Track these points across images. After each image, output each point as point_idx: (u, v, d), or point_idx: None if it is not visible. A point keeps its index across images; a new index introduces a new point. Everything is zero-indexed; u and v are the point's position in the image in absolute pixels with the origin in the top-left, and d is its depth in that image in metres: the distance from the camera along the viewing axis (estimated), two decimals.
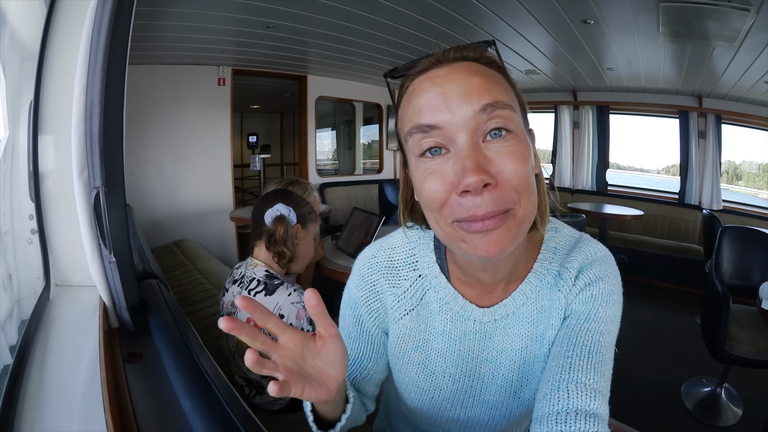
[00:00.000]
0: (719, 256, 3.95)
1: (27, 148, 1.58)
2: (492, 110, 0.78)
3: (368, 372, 1.21)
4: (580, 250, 1.06)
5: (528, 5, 3.93)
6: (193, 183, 6.43)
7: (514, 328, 1.06)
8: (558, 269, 1.05)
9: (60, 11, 1.53)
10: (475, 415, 1.17)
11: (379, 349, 1.19)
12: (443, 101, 0.80)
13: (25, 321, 1.40)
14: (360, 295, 1.14)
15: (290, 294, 1.93)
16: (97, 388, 1.09)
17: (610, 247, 1.12)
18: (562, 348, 0.95)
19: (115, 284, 1.46)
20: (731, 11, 3.57)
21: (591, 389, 0.85)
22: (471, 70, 0.83)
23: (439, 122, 0.80)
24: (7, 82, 1.49)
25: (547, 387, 0.89)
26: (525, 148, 0.81)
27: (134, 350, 1.08)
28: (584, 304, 1.00)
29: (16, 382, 1.07)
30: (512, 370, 1.08)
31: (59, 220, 1.59)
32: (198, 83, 6.25)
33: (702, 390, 3.67)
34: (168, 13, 4.16)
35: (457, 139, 0.79)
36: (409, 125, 0.84)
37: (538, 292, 1.05)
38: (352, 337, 1.19)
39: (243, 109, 13.25)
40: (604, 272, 1.03)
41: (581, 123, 8.22)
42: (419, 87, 0.86)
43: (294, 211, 2.14)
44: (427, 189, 0.83)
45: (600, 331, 0.96)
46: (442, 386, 1.12)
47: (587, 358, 0.90)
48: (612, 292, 1.02)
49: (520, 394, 1.11)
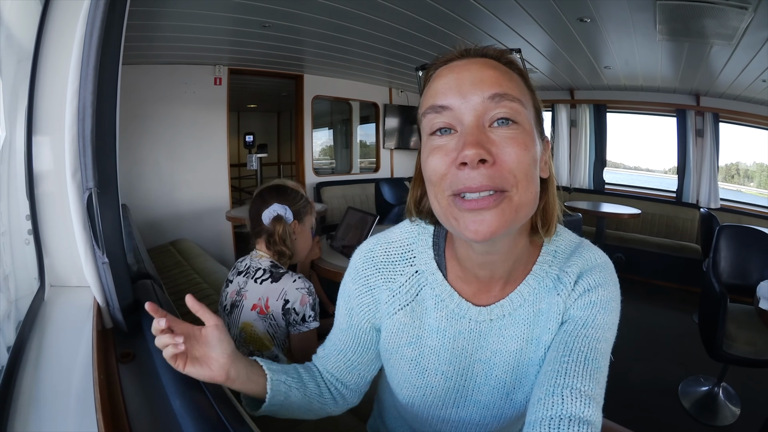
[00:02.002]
0: (717, 255, 3.95)
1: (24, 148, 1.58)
2: (500, 100, 0.83)
3: (352, 363, 1.25)
4: (580, 255, 1.07)
5: (524, 4, 3.93)
6: (190, 182, 6.43)
7: (510, 329, 1.06)
8: (557, 273, 1.05)
9: (54, 12, 1.52)
10: (467, 415, 1.17)
11: (365, 344, 1.21)
12: (457, 86, 0.86)
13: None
14: (354, 288, 1.17)
15: (295, 281, 2.02)
16: (89, 389, 1.08)
17: (608, 245, 1.13)
18: (558, 353, 0.96)
19: (109, 285, 1.46)
20: (729, 9, 3.57)
21: (585, 396, 0.85)
22: (488, 64, 0.89)
23: (450, 104, 0.85)
24: (3, 83, 1.49)
25: (541, 391, 0.90)
26: (529, 140, 0.85)
27: (128, 350, 1.09)
28: (582, 309, 1.01)
29: (9, 383, 1.07)
30: (506, 371, 1.08)
31: (54, 221, 1.59)
32: (194, 83, 6.25)
33: (700, 389, 3.67)
34: (164, 13, 4.15)
35: (464, 119, 0.84)
36: (426, 106, 0.90)
37: (536, 295, 1.05)
38: (342, 328, 1.23)
39: (240, 108, 13.24)
40: (604, 279, 1.04)
41: (578, 121, 8.23)
42: (440, 74, 0.91)
43: (290, 209, 2.19)
44: (430, 162, 0.87)
45: (597, 337, 0.97)
46: (434, 384, 1.13)
47: (583, 364, 0.91)
48: (611, 300, 1.02)
49: (513, 396, 1.11)
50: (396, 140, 9.25)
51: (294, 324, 1.99)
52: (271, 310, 1.98)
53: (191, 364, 1.03)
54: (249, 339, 2.01)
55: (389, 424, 1.43)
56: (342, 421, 1.86)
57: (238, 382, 1.09)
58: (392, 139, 9.20)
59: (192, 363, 1.03)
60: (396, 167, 9.49)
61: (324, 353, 1.30)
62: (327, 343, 1.30)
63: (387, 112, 9.01)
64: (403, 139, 9.32)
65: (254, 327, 2.00)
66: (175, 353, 1.01)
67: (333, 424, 1.78)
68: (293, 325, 1.99)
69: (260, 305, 2.00)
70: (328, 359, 1.28)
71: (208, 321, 1.08)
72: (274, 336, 2.01)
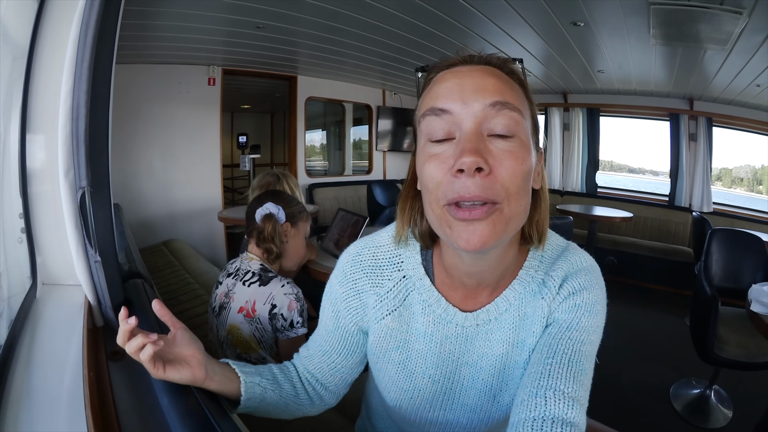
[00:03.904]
0: (709, 258, 3.97)
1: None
2: (501, 108, 0.84)
3: (336, 366, 1.24)
4: (566, 258, 1.08)
5: (517, 7, 3.94)
6: (183, 183, 6.41)
7: (496, 333, 1.07)
8: (543, 277, 1.06)
9: (49, 10, 1.52)
10: (454, 417, 1.18)
11: (351, 347, 1.21)
12: (458, 91, 0.86)
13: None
14: (341, 291, 1.16)
15: (283, 286, 2.01)
16: (79, 386, 1.09)
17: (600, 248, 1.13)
18: (542, 355, 0.96)
19: (101, 283, 1.46)
20: (723, 14, 3.58)
21: (569, 397, 0.86)
22: (490, 72, 0.89)
23: (451, 108, 0.85)
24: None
25: (524, 393, 0.90)
26: (526, 154, 0.85)
27: (118, 349, 1.08)
28: (567, 312, 1.01)
29: (0, 379, 1.06)
30: (492, 374, 1.09)
31: (47, 220, 1.58)
32: (188, 83, 6.24)
33: (691, 392, 3.69)
34: (158, 13, 4.15)
35: (464, 125, 0.84)
36: (425, 108, 0.90)
37: (521, 299, 1.06)
38: (328, 330, 1.23)
39: (233, 108, 13.21)
40: (589, 282, 1.04)
41: (571, 125, 8.25)
42: (442, 78, 0.91)
43: (283, 210, 2.20)
44: (427, 168, 0.87)
45: (581, 340, 0.97)
46: (422, 387, 1.13)
47: (567, 366, 0.91)
48: (596, 303, 1.03)
49: (499, 398, 1.12)
50: (389, 142, 9.27)
51: (282, 330, 1.99)
52: (257, 313, 1.98)
53: (170, 367, 1.02)
54: (235, 341, 2.01)
55: (377, 425, 1.43)
56: (330, 422, 1.86)
57: (216, 380, 1.08)
58: (385, 141, 9.21)
59: (170, 365, 1.02)
60: (388, 169, 9.50)
61: (307, 353, 1.29)
62: (310, 343, 1.31)
63: (380, 114, 9.02)
64: (396, 141, 9.33)
65: (240, 329, 2.00)
66: (152, 354, 0.98)
67: (321, 424, 1.78)
68: (281, 330, 1.99)
69: (247, 308, 2.00)
70: (311, 360, 1.28)
71: (174, 325, 1.10)
72: (261, 340, 2.00)
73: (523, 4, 3.88)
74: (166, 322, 1.10)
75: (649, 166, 9.38)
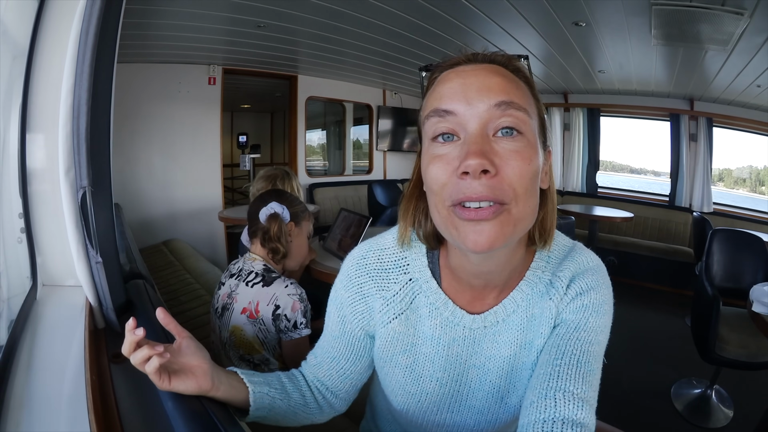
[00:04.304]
0: (710, 258, 3.97)
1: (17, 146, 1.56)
2: (506, 108, 0.82)
3: (344, 371, 1.23)
4: (572, 259, 1.07)
5: (519, 7, 3.93)
6: (183, 182, 6.40)
7: (504, 335, 1.06)
8: (550, 278, 1.05)
9: (50, 8, 1.51)
10: (462, 420, 1.17)
11: (358, 351, 1.20)
12: (463, 91, 0.84)
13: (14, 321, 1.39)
14: (346, 296, 1.15)
15: (287, 286, 1.99)
16: (81, 389, 1.08)
17: (600, 249, 1.12)
18: (550, 356, 0.96)
19: (102, 285, 1.45)
20: (724, 15, 3.57)
21: (578, 398, 0.85)
22: (495, 71, 0.87)
23: (455, 109, 0.83)
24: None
25: (534, 395, 0.90)
26: (533, 153, 0.83)
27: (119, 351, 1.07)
28: (575, 313, 1.01)
29: (1, 382, 1.05)
30: (500, 376, 1.08)
31: (47, 220, 1.57)
32: (188, 82, 6.22)
33: (692, 392, 3.68)
34: (159, 12, 4.14)
35: (469, 126, 0.82)
36: (429, 109, 0.88)
37: (529, 300, 1.05)
38: (335, 335, 1.21)
39: (234, 108, 13.18)
40: (596, 282, 1.04)
41: (572, 125, 8.25)
42: (446, 78, 0.89)
43: (288, 210, 2.18)
44: (431, 170, 0.85)
45: (589, 340, 0.97)
46: (429, 390, 1.12)
47: (576, 367, 0.91)
48: (603, 303, 1.02)
49: (507, 400, 1.11)
50: (389, 142, 9.25)
51: (285, 331, 1.97)
52: (261, 314, 1.97)
53: (176, 378, 0.99)
54: (238, 342, 1.99)
55: (382, 427, 1.42)
56: (334, 424, 1.84)
57: (222, 389, 1.06)
58: (385, 140, 9.19)
59: (175, 376, 0.99)
60: (389, 169, 9.48)
61: (316, 361, 1.28)
62: (317, 350, 1.29)
63: (381, 114, 9.00)
64: (396, 141, 9.32)
65: (244, 331, 1.99)
66: (158, 366, 0.95)
67: (325, 426, 1.77)
68: (284, 331, 1.98)
69: (250, 309, 1.98)
70: (319, 368, 1.26)
71: (180, 334, 1.08)
72: (265, 341, 1.99)
73: (524, 3, 3.87)
74: (171, 331, 1.08)
75: (651, 167, 9.40)
